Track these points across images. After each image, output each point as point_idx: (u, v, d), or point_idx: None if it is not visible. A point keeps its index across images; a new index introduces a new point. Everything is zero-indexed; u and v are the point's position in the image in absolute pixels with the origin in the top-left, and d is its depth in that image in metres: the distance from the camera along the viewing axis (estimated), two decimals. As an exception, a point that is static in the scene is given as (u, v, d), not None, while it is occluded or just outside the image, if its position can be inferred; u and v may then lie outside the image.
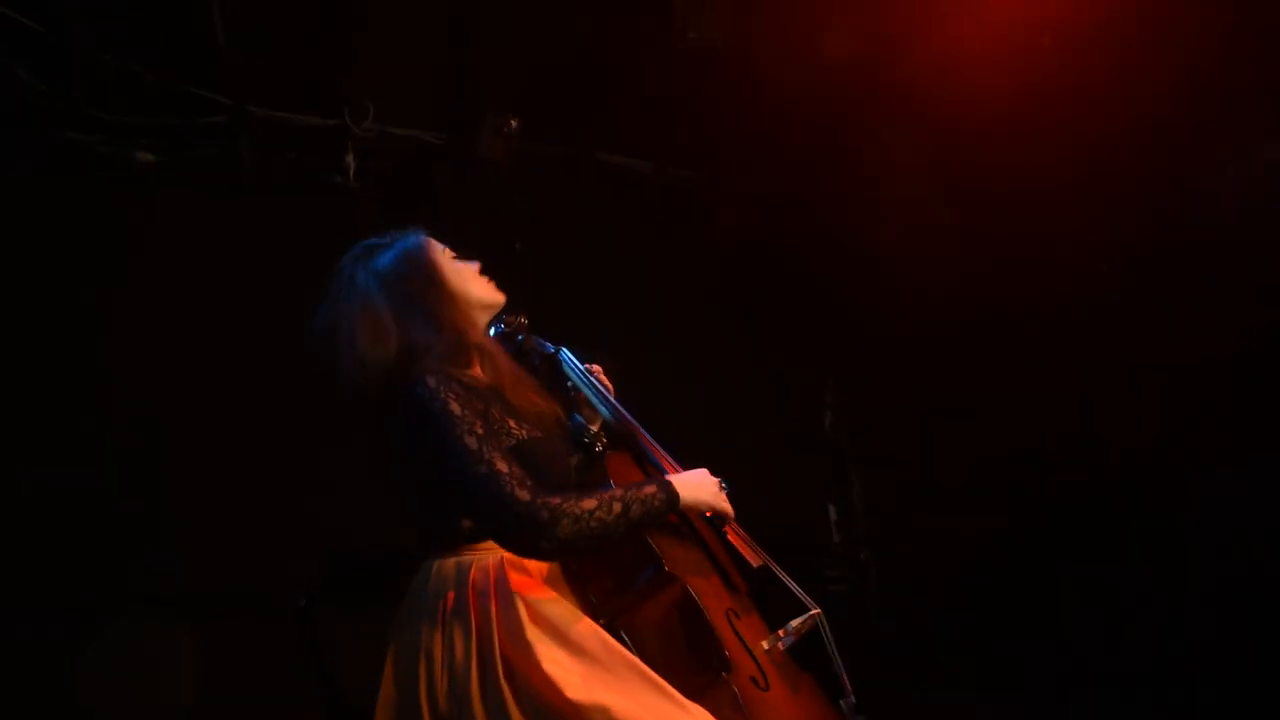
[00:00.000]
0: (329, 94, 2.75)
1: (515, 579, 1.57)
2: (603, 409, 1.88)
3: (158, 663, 2.46)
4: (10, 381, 2.46)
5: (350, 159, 2.74)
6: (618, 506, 1.57)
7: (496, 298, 1.78)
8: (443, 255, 1.75)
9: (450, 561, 1.61)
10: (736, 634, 1.70)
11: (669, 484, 1.66)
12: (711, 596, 1.72)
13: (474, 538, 1.62)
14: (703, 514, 1.77)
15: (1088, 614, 3.05)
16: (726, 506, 1.77)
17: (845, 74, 3.00)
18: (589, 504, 1.55)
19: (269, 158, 2.71)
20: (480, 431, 1.55)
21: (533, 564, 1.63)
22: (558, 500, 1.54)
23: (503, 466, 1.53)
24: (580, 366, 1.91)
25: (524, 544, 1.56)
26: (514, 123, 2.73)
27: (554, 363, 1.89)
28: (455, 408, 1.55)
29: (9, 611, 2.37)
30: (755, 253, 3.59)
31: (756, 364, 3.64)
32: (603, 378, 1.94)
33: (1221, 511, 2.85)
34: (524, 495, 1.51)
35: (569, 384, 1.88)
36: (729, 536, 1.82)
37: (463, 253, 1.79)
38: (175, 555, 2.57)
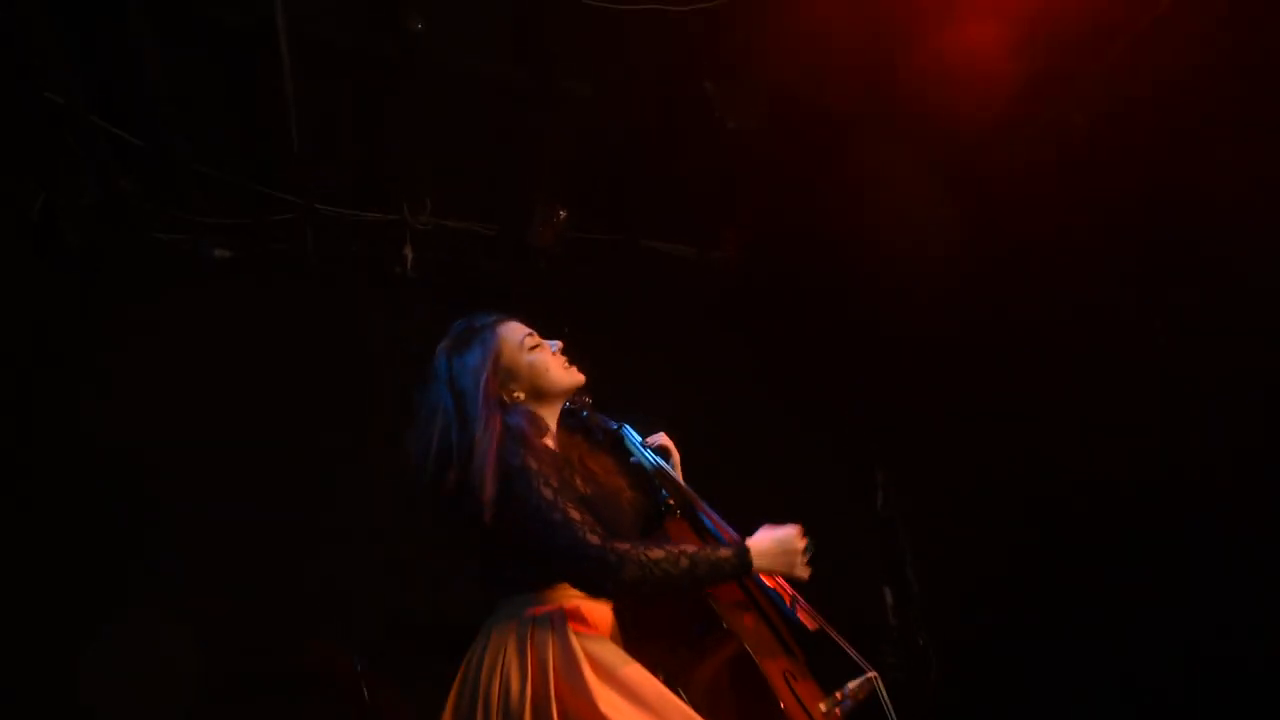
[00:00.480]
0: (388, 191, 2.93)
1: (574, 627, 1.63)
2: (660, 482, 1.94)
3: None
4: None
5: (408, 250, 2.91)
6: (685, 562, 1.64)
7: (576, 380, 1.87)
8: (520, 349, 1.83)
9: (515, 610, 1.68)
10: (794, 693, 1.71)
11: (745, 551, 1.71)
12: (768, 657, 1.73)
13: (538, 585, 1.69)
14: (762, 582, 1.81)
15: (1159, 680, 2.96)
16: (802, 572, 1.78)
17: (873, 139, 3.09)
18: (656, 554, 1.63)
19: (333, 251, 2.88)
20: (555, 484, 1.66)
21: (592, 616, 1.68)
22: (626, 546, 1.63)
23: (575, 515, 1.64)
24: (639, 441, 1.97)
25: (592, 584, 1.65)
26: (562, 213, 2.87)
27: (617, 439, 1.96)
28: (532, 463, 1.67)
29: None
30: (799, 330, 3.66)
31: (804, 440, 3.66)
32: (666, 442, 2.00)
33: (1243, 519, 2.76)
34: (594, 540, 1.62)
35: (632, 459, 1.95)
36: (786, 602, 1.84)
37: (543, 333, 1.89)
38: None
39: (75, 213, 2.29)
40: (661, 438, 2.00)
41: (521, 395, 1.81)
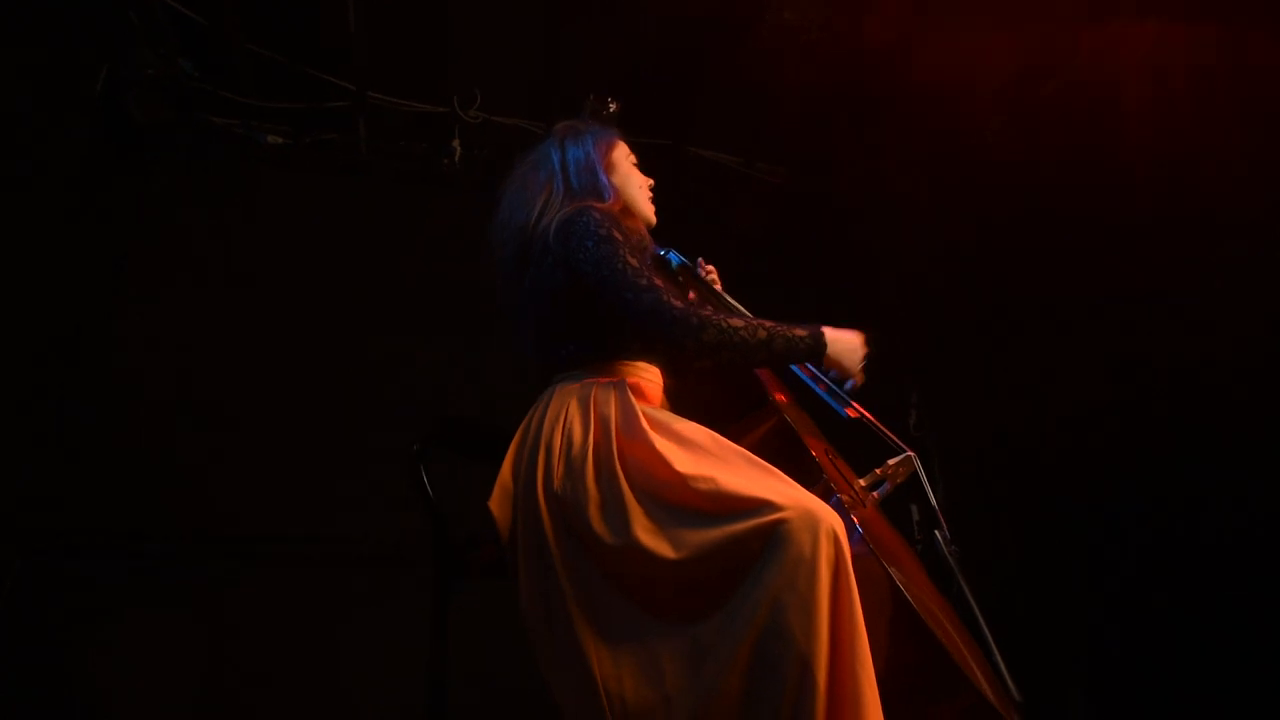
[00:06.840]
0: (440, 84, 2.90)
1: (634, 399, 1.68)
2: (705, 297, 1.98)
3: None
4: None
5: (457, 144, 2.90)
6: (762, 334, 1.69)
7: (650, 211, 1.91)
8: (626, 157, 1.92)
9: (576, 378, 1.75)
10: (835, 467, 1.75)
11: (821, 334, 1.74)
12: (808, 434, 1.76)
13: (597, 361, 1.75)
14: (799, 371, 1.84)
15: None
16: (859, 376, 1.79)
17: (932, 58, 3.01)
18: (736, 322, 1.69)
19: (383, 142, 2.88)
20: (639, 257, 1.72)
21: (648, 391, 1.75)
22: (709, 311, 1.69)
23: (659, 282, 1.70)
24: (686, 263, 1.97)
25: (674, 341, 1.68)
26: (613, 105, 2.83)
27: (664, 262, 1.96)
28: (618, 235, 1.72)
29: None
30: (841, 243, 3.63)
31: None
32: (711, 269, 2.03)
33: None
34: (679, 304, 1.68)
35: (679, 279, 1.97)
36: (822, 388, 1.84)
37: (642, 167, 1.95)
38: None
39: (139, 88, 2.29)
40: (711, 269, 2.03)
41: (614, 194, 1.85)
